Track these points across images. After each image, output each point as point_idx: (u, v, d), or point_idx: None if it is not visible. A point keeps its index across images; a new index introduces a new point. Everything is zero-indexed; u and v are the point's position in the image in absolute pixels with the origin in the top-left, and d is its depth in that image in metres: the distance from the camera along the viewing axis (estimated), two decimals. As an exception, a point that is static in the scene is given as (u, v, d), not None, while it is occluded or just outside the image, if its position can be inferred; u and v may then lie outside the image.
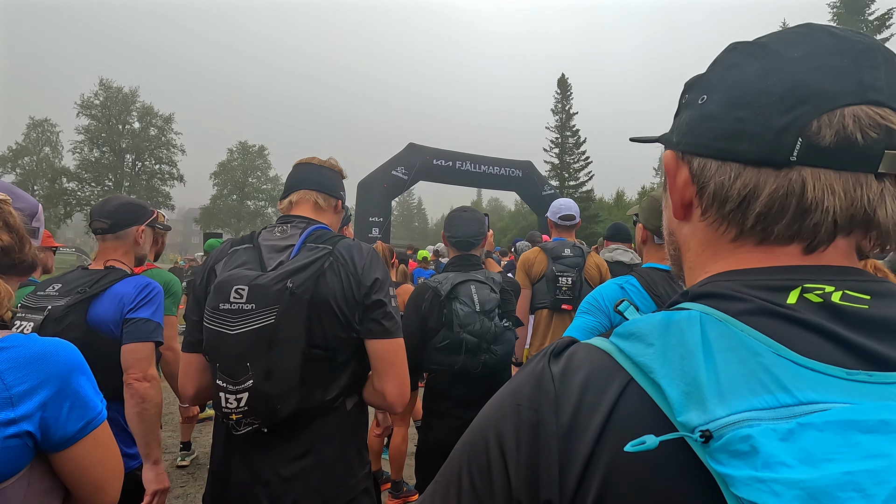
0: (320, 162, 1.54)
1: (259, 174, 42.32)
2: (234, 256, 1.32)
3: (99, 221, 1.83)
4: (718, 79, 0.47)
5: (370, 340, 1.31)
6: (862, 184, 0.41)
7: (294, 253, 1.30)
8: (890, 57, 0.42)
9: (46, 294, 1.66)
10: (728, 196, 0.45)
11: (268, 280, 1.18)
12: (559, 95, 35.19)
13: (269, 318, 1.17)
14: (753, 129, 0.43)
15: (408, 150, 15.11)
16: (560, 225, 3.13)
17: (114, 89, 32.97)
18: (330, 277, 1.27)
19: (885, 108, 0.40)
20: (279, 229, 1.38)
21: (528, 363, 0.47)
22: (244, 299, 1.17)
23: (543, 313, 3.02)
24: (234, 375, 1.17)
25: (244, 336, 1.16)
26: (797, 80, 0.42)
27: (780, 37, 0.45)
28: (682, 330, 0.39)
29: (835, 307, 0.39)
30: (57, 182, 31.44)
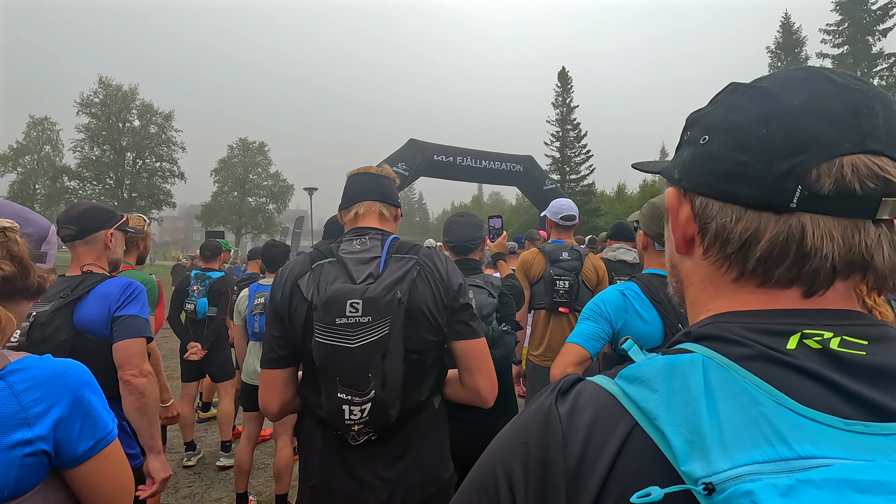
0: (377, 171, 1.54)
1: (260, 171, 42.23)
2: (322, 271, 1.32)
3: (65, 228, 1.82)
4: (720, 120, 0.47)
5: (459, 342, 1.37)
6: (860, 229, 0.42)
7: (382, 264, 1.33)
8: (888, 104, 0.43)
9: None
10: (729, 238, 0.46)
11: (378, 292, 1.23)
12: (560, 89, 35.02)
13: (384, 328, 1.22)
14: (755, 173, 0.43)
15: (408, 146, 15.09)
16: (560, 225, 3.13)
17: (113, 87, 32.87)
18: (420, 285, 1.32)
19: (883, 157, 0.41)
20: (358, 242, 1.39)
21: (537, 399, 0.47)
22: (360, 312, 1.21)
23: (541, 314, 3.04)
24: (360, 387, 1.20)
25: (365, 348, 1.20)
26: (797, 127, 0.42)
27: (780, 81, 0.46)
28: (686, 375, 0.40)
29: (833, 354, 0.40)
30: (58, 181, 31.46)
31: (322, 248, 1.43)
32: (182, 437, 4.16)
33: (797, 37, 26.04)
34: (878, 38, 23.29)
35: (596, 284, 3.02)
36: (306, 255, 1.43)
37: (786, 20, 26.44)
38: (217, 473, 3.94)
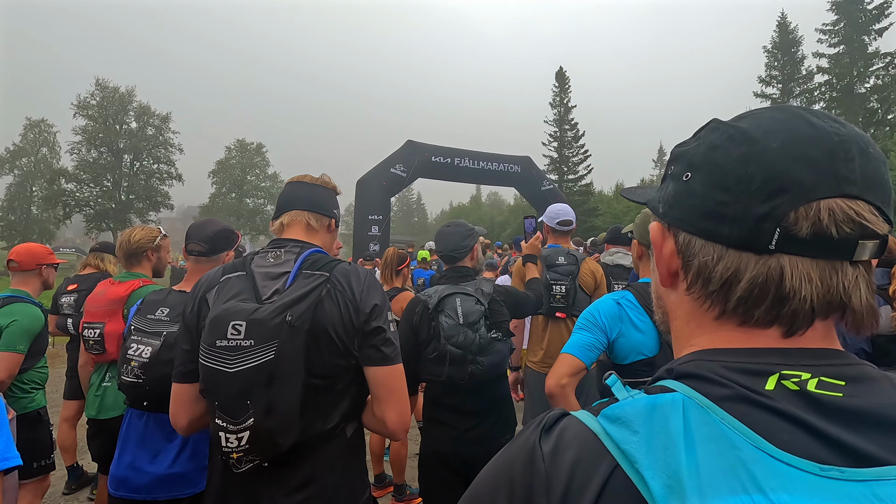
0: (312, 180, 1.48)
1: (258, 172, 42.23)
2: (226, 286, 1.27)
3: (196, 244, 1.95)
4: (702, 158, 0.48)
5: (369, 367, 1.28)
6: (838, 271, 0.43)
7: (290, 281, 1.26)
8: (864, 147, 0.44)
9: (158, 318, 1.80)
10: (711, 277, 0.47)
11: (266, 314, 1.15)
12: (557, 89, 35.04)
13: (268, 353, 1.14)
14: (734, 213, 0.44)
15: (406, 147, 15.07)
16: (557, 230, 3.13)
17: (110, 89, 32.77)
18: (328, 305, 1.24)
19: (859, 201, 0.42)
20: (272, 255, 1.33)
21: (522, 433, 0.48)
22: (242, 335, 1.14)
23: (539, 319, 3.04)
24: (235, 415, 1.14)
25: (243, 373, 1.13)
26: (775, 170, 0.43)
27: (759, 122, 0.47)
28: (667, 417, 0.41)
29: (810, 396, 0.40)
30: (55, 183, 31.34)
31: (237, 260, 1.39)
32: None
33: (793, 36, 26.05)
34: (873, 37, 23.34)
35: (594, 289, 3.01)
36: (220, 266, 1.39)
37: (782, 19, 26.47)
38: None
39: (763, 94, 26.67)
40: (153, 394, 1.73)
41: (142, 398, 1.77)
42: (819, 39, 24.88)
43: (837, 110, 23.93)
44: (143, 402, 1.77)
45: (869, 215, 0.42)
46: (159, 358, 1.72)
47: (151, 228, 2.57)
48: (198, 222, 2.07)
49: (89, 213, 30.80)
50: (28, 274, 2.66)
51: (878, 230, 0.42)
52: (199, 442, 1.79)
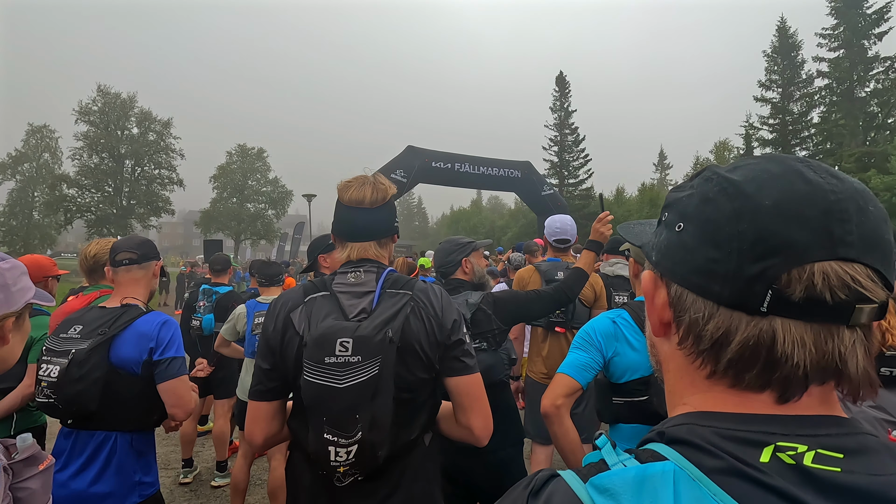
0: (372, 200, 1.41)
1: (259, 177, 42.22)
2: (315, 306, 1.31)
3: (127, 252, 1.94)
4: (694, 210, 0.46)
5: (452, 378, 1.35)
6: (833, 335, 0.40)
7: (376, 299, 1.31)
8: (863, 205, 0.41)
9: (69, 337, 1.77)
10: (702, 335, 0.45)
11: (369, 331, 1.21)
12: (557, 93, 35.11)
13: (374, 368, 1.19)
14: (725, 271, 0.43)
15: (406, 152, 15.12)
16: (554, 247, 3.14)
17: (112, 95, 32.84)
18: (414, 322, 1.30)
19: (856, 265, 0.40)
20: (352, 275, 1.37)
21: (511, 494, 0.47)
22: (349, 352, 1.19)
23: (539, 331, 3.04)
24: (346, 429, 1.18)
25: (353, 388, 1.18)
26: (768, 230, 0.41)
27: (754, 175, 0.44)
28: (656, 490, 0.39)
29: (806, 471, 0.38)
30: (57, 189, 31.39)
31: (317, 280, 1.41)
32: (181, 454, 4.14)
33: (793, 41, 26.08)
34: (873, 41, 23.34)
35: (593, 301, 3.01)
36: (300, 286, 1.42)
37: (782, 24, 26.52)
38: (213, 491, 3.93)
39: (763, 98, 26.69)
40: (69, 411, 1.72)
41: (61, 416, 1.75)
42: (819, 44, 24.90)
43: (838, 114, 23.96)
44: (67, 420, 1.76)
45: (866, 281, 0.40)
46: (68, 376, 1.69)
47: (108, 241, 2.57)
48: (121, 238, 2.09)
49: (90, 218, 30.83)
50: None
51: (873, 297, 0.40)
52: (124, 457, 1.77)
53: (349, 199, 1.43)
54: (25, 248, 37.41)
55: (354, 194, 1.42)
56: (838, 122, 23.69)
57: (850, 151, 22.55)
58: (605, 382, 1.68)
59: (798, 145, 26.01)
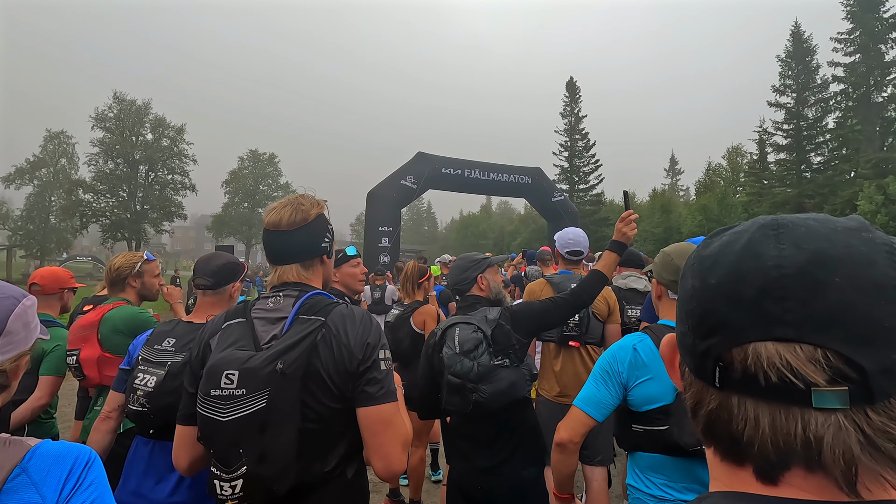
0: (289, 223, 1.37)
1: (270, 181, 42.66)
2: (227, 333, 1.30)
3: (202, 279, 2.00)
4: (679, 287, 0.49)
5: (358, 408, 1.28)
6: (797, 417, 0.38)
7: (287, 326, 1.28)
8: (825, 277, 0.38)
9: (164, 349, 1.85)
10: (686, 399, 0.47)
11: (258, 363, 1.17)
12: (567, 99, 35.08)
13: (260, 401, 1.16)
14: (687, 345, 0.45)
15: (416, 159, 15.13)
16: (567, 259, 3.09)
17: (127, 102, 33.40)
18: (323, 350, 1.25)
19: (798, 345, 0.38)
20: (272, 300, 1.35)
21: None
22: (234, 384, 1.16)
23: (551, 347, 2.98)
24: (228, 463, 1.16)
25: (235, 422, 1.15)
26: (708, 309, 0.42)
27: (717, 251, 0.44)
28: None
29: None
30: (73, 193, 31.94)
31: (239, 305, 1.41)
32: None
33: (808, 45, 25.78)
34: (890, 45, 22.98)
35: (607, 315, 2.96)
36: (224, 312, 1.41)
37: (796, 28, 26.22)
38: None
39: (777, 103, 26.40)
40: (158, 422, 1.76)
41: (147, 426, 1.80)
42: (834, 48, 24.61)
43: (854, 119, 23.61)
44: (150, 430, 1.80)
45: (803, 364, 0.37)
46: (163, 387, 1.75)
47: (133, 255, 2.59)
48: (204, 256, 2.10)
49: (105, 223, 31.31)
50: (50, 297, 2.69)
51: (813, 380, 0.37)
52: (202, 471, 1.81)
53: (267, 223, 1.41)
54: (42, 251, 38.08)
55: (272, 217, 1.40)
56: (854, 128, 23.34)
57: (866, 157, 22.17)
58: (624, 409, 1.63)
59: (813, 151, 25.67)
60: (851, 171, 23.51)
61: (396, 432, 1.28)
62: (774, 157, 27.43)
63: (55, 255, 37.58)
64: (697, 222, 25.93)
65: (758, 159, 28.54)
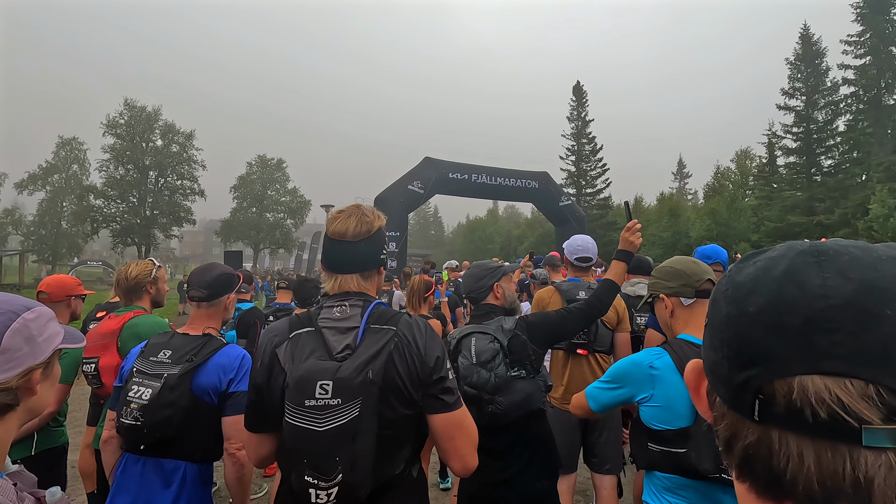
0: (355, 233, 1.42)
1: (278, 186, 42.91)
2: (298, 343, 1.31)
3: (197, 291, 1.98)
4: (709, 309, 0.46)
5: (431, 416, 1.34)
6: (845, 456, 0.35)
7: (360, 336, 1.31)
8: (875, 309, 0.36)
9: (160, 360, 1.81)
10: (719, 432, 0.44)
11: (350, 372, 1.21)
12: (574, 103, 35.03)
13: (354, 410, 1.19)
14: (722, 377, 0.42)
15: (423, 164, 15.17)
16: (576, 266, 3.07)
17: (138, 108, 33.85)
18: (397, 359, 1.29)
19: (849, 380, 0.36)
20: (338, 309, 1.37)
21: None
22: (329, 394, 1.19)
23: (559, 354, 2.96)
24: (326, 472, 1.18)
25: (333, 431, 1.18)
26: (748, 339, 0.40)
27: (753, 277, 0.42)
28: None
29: None
30: (84, 199, 32.34)
31: (303, 314, 1.41)
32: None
33: (817, 48, 25.56)
34: (901, 47, 22.82)
35: (616, 323, 2.93)
36: (286, 319, 1.42)
37: (805, 31, 26.02)
38: (232, 509, 3.91)
39: (787, 106, 26.18)
40: (151, 437, 1.70)
41: (139, 442, 1.73)
42: (844, 51, 24.40)
43: (865, 122, 23.35)
44: (140, 447, 1.74)
45: (855, 400, 0.35)
46: (160, 400, 1.69)
47: (146, 262, 2.59)
48: (199, 268, 2.09)
49: (115, 228, 31.65)
50: (57, 305, 2.69)
51: (867, 417, 0.35)
52: (193, 487, 1.77)
53: (332, 232, 1.45)
54: (53, 256, 38.55)
55: (338, 226, 1.43)
56: (865, 131, 23.06)
57: (878, 160, 21.90)
58: (640, 426, 1.58)
59: (823, 154, 25.39)
60: (863, 174, 23.23)
61: (469, 435, 1.36)
62: (784, 161, 27.19)
63: (66, 260, 38.04)
64: (706, 226, 25.70)
65: (767, 162, 28.30)
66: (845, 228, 21.02)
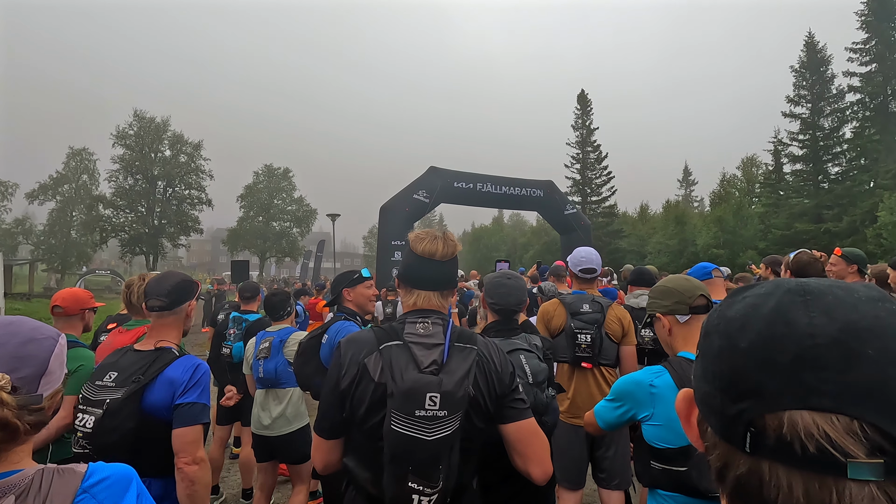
0: (443, 255, 1.51)
1: (284, 196, 43.13)
2: (390, 354, 1.36)
3: (156, 300, 1.93)
4: (702, 342, 0.48)
5: (506, 424, 1.41)
6: (832, 488, 0.37)
7: (446, 353, 1.38)
8: (860, 348, 0.38)
9: (104, 385, 1.75)
10: (711, 461, 0.46)
11: (453, 386, 1.31)
12: (579, 111, 35.10)
13: (455, 422, 1.30)
14: (715, 407, 0.44)
15: (429, 173, 15.24)
16: (580, 277, 3.09)
17: (147, 119, 34.25)
18: (479, 376, 1.38)
19: (836, 416, 0.37)
20: (421, 325, 1.43)
21: None
22: (437, 406, 1.28)
23: (564, 368, 2.96)
24: (432, 479, 1.27)
25: (440, 441, 1.28)
26: (739, 373, 0.42)
27: (744, 313, 0.44)
28: None
29: None
30: (94, 209, 32.69)
31: (386, 327, 1.47)
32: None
33: (822, 55, 25.51)
34: (907, 54, 22.76)
35: (621, 336, 2.94)
36: (369, 331, 1.47)
37: (810, 39, 26.00)
38: (239, 519, 3.94)
39: (792, 113, 26.10)
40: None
41: None
42: (849, 58, 24.34)
43: (871, 129, 23.23)
44: None
45: (841, 435, 0.37)
46: (102, 426, 1.65)
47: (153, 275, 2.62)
48: (156, 277, 2.06)
49: (124, 237, 31.93)
50: (72, 318, 2.75)
51: (852, 452, 0.36)
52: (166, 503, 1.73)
53: (422, 251, 1.52)
54: (63, 265, 38.88)
55: (428, 247, 1.52)
56: (872, 138, 22.93)
57: (886, 167, 21.75)
58: (643, 444, 1.61)
59: (830, 161, 25.24)
60: (870, 181, 23.06)
61: (544, 440, 1.46)
62: (790, 168, 27.06)
63: (75, 269, 38.35)
64: (713, 234, 25.56)
65: (773, 170, 28.17)
66: (853, 236, 20.84)
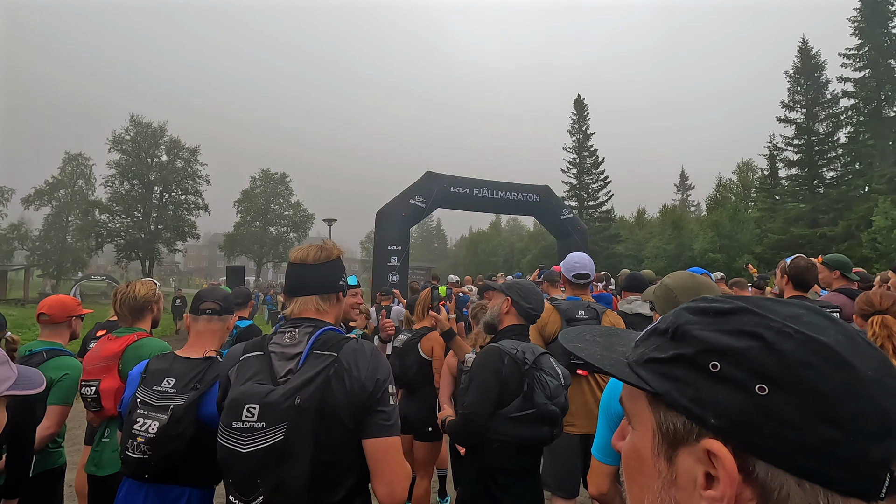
0: (315, 258, 1.50)
1: (281, 201, 43.12)
2: (245, 365, 1.36)
3: (212, 303, 2.00)
4: (786, 373, 0.38)
5: (365, 440, 1.34)
6: None
7: (301, 361, 1.34)
8: None
9: (165, 391, 1.75)
10: None
11: (277, 397, 1.24)
12: (575, 116, 35.24)
13: (278, 434, 1.22)
14: (848, 455, 0.36)
15: (425, 178, 15.24)
16: (574, 283, 3.07)
17: (143, 124, 34.22)
18: (336, 385, 1.30)
19: None
20: (288, 335, 1.42)
21: None
22: (255, 418, 1.23)
23: (560, 374, 2.96)
24: (246, 493, 1.23)
25: (255, 454, 1.22)
26: (883, 407, 0.37)
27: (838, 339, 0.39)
28: None
29: None
30: (90, 214, 32.60)
31: (259, 338, 1.46)
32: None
33: (816, 61, 25.69)
34: (900, 60, 22.92)
35: (614, 342, 2.93)
36: (242, 344, 1.48)
37: (803, 45, 26.19)
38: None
39: (787, 118, 26.25)
40: (159, 469, 1.67)
41: (145, 472, 1.70)
42: (843, 64, 24.52)
43: (866, 134, 23.38)
44: (145, 475, 1.70)
45: None
46: (167, 433, 1.65)
47: (151, 282, 2.59)
48: (207, 289, 2.16)
49: (120, 242, 31.82)
50: (59, 326, 2.71)
51: None
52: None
53: (294, 258, 1.53)
54: (58, 270, 38.72)
55: (299, 253, 1.53)
56: (867, 143, 23.07)
57: (880, 172, 21.88)
58: None
59: (825, 166, 25.39)
60: (865, 186, 23.18)
61: (401, 462, 1.35)
62: (786, 173, 27.20)
63: (71, 275, 38.19)
64: (709, 238, 25.64)
65: (769, 175, 28.31)
66: (849, 240, 20.93)
